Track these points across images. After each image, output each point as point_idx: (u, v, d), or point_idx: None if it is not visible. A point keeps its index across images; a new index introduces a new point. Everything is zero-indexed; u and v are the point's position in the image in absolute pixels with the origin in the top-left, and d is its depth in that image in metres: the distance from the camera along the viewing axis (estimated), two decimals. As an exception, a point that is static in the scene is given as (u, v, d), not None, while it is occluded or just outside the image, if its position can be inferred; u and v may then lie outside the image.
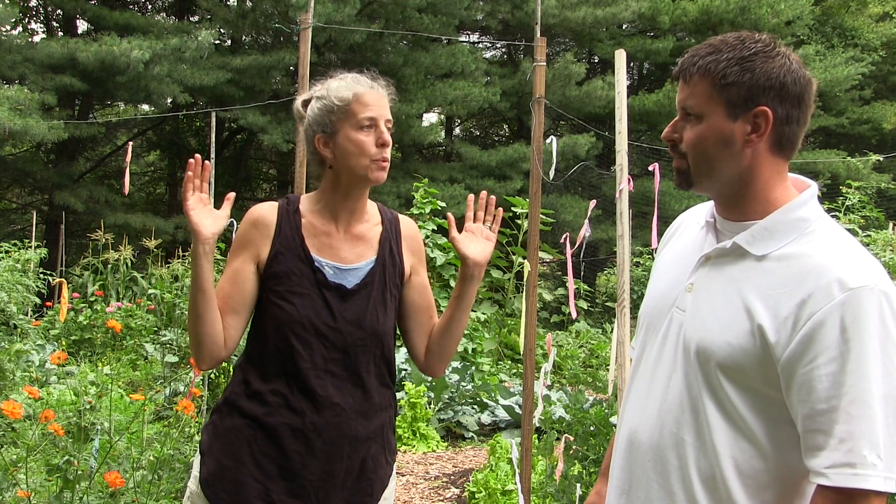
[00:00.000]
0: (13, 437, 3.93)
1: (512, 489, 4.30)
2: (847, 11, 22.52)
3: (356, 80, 1.89)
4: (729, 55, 1.36)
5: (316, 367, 1.83)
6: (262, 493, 1.80)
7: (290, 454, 1.81)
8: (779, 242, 1.36)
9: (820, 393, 1.25)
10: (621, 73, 3.44)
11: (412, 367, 6.99)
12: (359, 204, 1.94)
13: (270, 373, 1.84)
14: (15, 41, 15.64)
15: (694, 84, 1.39)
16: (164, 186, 23.39)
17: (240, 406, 1.85)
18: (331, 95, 1.88)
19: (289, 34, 15.61)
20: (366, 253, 1.93)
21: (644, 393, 1.48)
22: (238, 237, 1.91)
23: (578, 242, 3.92)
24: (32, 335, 7.15)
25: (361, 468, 1.88)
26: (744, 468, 1.34)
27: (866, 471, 1.22)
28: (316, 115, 1.89)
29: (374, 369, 1.90)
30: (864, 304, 1.25)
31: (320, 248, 1.89)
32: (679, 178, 1.45)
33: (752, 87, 1.35)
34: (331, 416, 1.83)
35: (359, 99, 1.86)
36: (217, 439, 1.86)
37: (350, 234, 1.93)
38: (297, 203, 1.95)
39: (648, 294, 1.57)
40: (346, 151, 1.86)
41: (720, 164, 1.39)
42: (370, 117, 1.85)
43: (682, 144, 1.42)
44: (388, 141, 1.87)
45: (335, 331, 1.84)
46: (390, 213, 2.04)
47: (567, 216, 15.74)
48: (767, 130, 1.36)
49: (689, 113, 1.40)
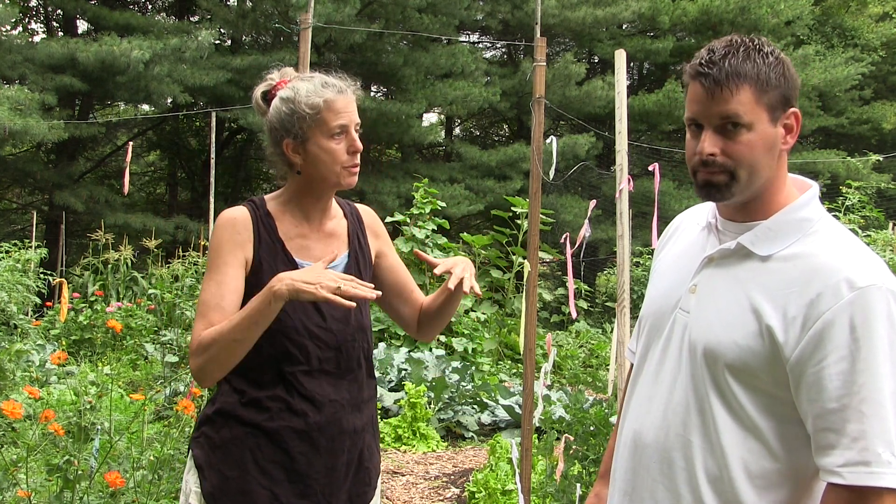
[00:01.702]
0: (13, 436, 3.94)
1: (512, 489, 4.30)
2: (847, 11, 22.51)
3: (325, 85, 1.85)
4: (760, 60, 1.34)
5: (312, 369, 1.84)
6: (270, 499, 1.79)
7: (295, 456, 1.81)
8: (783, 243, 1.36)
9: (831, 392, 1.25)
10: (621, 73, 3.44)
11: (412, 367, 6.98)
12: (329, 203, 1.96)
13: (266, 380, 1.82)
14: (15, 41, 15.64)
15: (737, 92, 1.33)
16: (164, 186, 23.40)
17: (237, 415, 1.82)
18: (300, 102, 1.83)
19: (289, 34, 15.61)
20: (339, 249, 1.95)
21: (648, 395, 1.48)
22: (222, 244, 1.84)
23: (578, 242, 3.92)
24: (33, 335, 7.14)
25: (360, 459, 1.91)
26: (753, 468, 1.34)
27: (881, 469, 1.22)
28: (284, 118, 1.85)
29: (363, 363, 1.93)
30: (872, 303, 1.26)
31: (298, 251, 1.90)
32: (712, 192, 1.38)
33: (787, 90, 1.36)
34: (331, 413, 1.84)
35: (329, 106, 1.83)
36: (216, 451, 1.83)
37: (323, 232, 1.94)
38: (264, 206, 1.92)
39: (649, 296, 1.57)
40: (317, 159, 1.85)
41: (764, 171, 1.37)
42: (341, 125, 1.84)
43: (726, 158, 1.35)
44: (360, 147, 1.87)
45: (327, 331, 1.85)
46: (349, 205, 2.06)
47: (567, 216, 15.73)
48: (797, 131, 1.38)
49: (738, 123, 1.34)
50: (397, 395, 6.77)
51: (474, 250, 10.22)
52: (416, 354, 7.40)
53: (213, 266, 1.83)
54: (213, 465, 1.82)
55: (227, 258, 1.83)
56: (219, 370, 1.78)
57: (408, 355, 7.42)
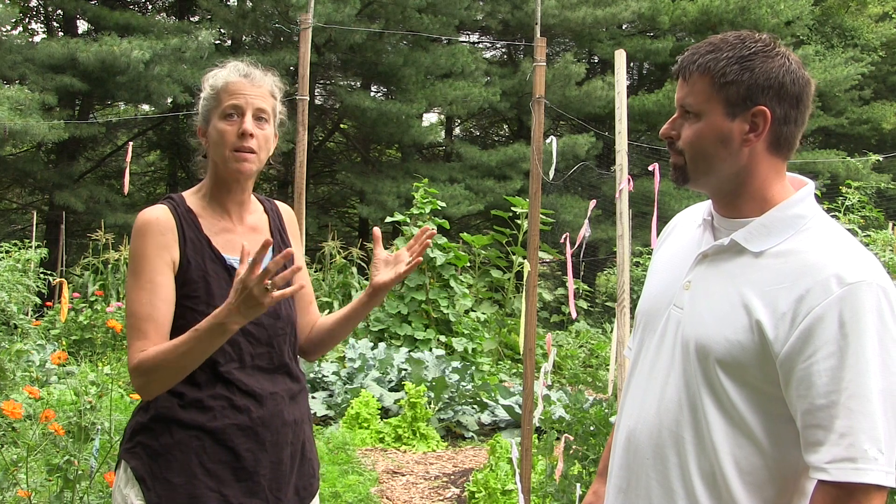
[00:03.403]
0: (13, 436, 3.94)
1: (512, 489, 4.30)
2: (847, 11, 22.52)
3: (233, 69, 1.85)
4: (729, 54, 1.37)
5: (245, 366, 1.81)
6: (219, 501, 1.75)
7: (242, 454, 1.78)
8: (776, 239, 1.37)
9: (819, 388, 1.26)
10: (621, 73, 3.45)
11: (412, 367, 6.99)
12: (245, 196, 1.90)
13: (203, 380, 1.77)
14: (15, 41, 15.65)
15: (693, 82, 1.39)
16: (164, 186, 23.37)
17: (177, 418, 1.76)
18: (206, 84, 1.85)
19: (289, 34, 15.61)
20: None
21: (642, 391, 1.49)
22: (146, 248, 1.76)
23: (578, 242, 3.92)
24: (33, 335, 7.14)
25: (303, 451, 1.90)
26: (743, 465, 1.34)
27: (867, 465, 1.23)
28: (200, 106, 1.88)
29: (293, 356, 1.92)
30: (862, 299, 1.26)
31: (224, 246, 1.85)
32: (675, 174, 1.46)
33: (751, 87, 1.35)
34: (272, 406, 1.82)
35: (226, 87, 1.81)
36: (157, 459, 1.75)
37: (246, 226, 1.91)
38: (183, 202, 1.86)
39: (645, 293, 1.58)
40: (213, 141, 1.83)
41: (717, 162, 1.40)
42: (234, 105, 1.80)
43: (680, 142, 1.43)
44: (248, 131, 1.78)
45: (259, 326, 1.82)
46: (269, 201, 2.03)
47: (567, 216, 15.73)
48: (765, 130, 1.37)
49: (688, 111, 1.41)
50: (397, 395, 6.78)
51: (474, 250, 10.22)
52: (416, 354, 7.41)
53: (139, 272, 1.74)
54: (157, 474, 1.75)
55: (153, 263, 1.75)
56: (164, 387, 1.73)
57: (408, 355, 7.42)
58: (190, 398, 1.77)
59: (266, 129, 1.84)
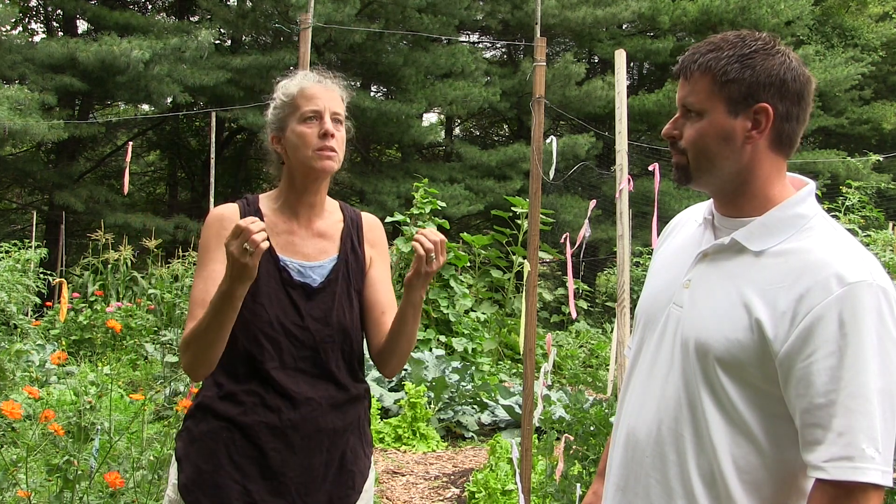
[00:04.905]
0: (13, 437, 3.94)
1: (512, 489, 4.30)
2: (847, 11, 22.54)
3: (304, 77, 1.93)
4: (730, 52, 1.37)
5: (286, 366, 1.83)
6: (242, 495, 1.79)
7: (268, 452, 1.80)
8: (777, 238, 1.37)
9: (818, 387, 1.26)
10: (621, 73, 3.45)
11: (412, 367, 6.99)
12: (317, 198, 1.94)
13: (242, 374, 1.83)
14: (15, 41, 15.66)
15: (695, 81, 1.40)
16: (164, 186, 23.42)
17: (214, 409, 1.83)
18: (279, 93, 1.92)
19: (289, 34, 15.62)
20: (329, 249, 1.94)
21: (642, 390, 1.49)
22: (210, 240, 1.88)
23: (578, 242, 3.92)
24: (32, 335, 7.15)
25: (341, 461, 1.89)
26: (741, 464, 1.34)
27: (865, 464, 1.23)
28: (270, 116, 1.94)
29: (343, 365, 1.90)
30: (861, 299, 1.26)
31: (284, 247, 1.89)
32: (678, 173, 1.46)
33: (753, 84, 1.36)
34: (307, 412, 1.83)
35: (303, 93, 1.88)
36: (193, 444, 1.84)
37: (312, 230, 1.94)
38: (256, 203, 1.94)
39: (645, 291, 1.58)
40: (292, 145, 1.88)
41: (720, 160, 1.40)
42: (314, 110, 1.86)
43: (682, 141, 1.43)
44: (330, 131, 1.86)
45: (304, 329, 1.84)
46: (352, 211, 2.05)
47: (567, 216, 15.75)
48: (768, 127, 1.37)
49: (690, 110, 1.41)
50: (397, 395, 6.78)
51: (474, 250, 10.22)
52: (415, 354, 7.40)
53: (201, 263, 1.87)
54: (190, 457, 1.84)
55: (213, 254, 1.85)
56: (201, 364, 1.79)
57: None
58: (227, 390, 1.83)
59: (341, 130, 1.92)
